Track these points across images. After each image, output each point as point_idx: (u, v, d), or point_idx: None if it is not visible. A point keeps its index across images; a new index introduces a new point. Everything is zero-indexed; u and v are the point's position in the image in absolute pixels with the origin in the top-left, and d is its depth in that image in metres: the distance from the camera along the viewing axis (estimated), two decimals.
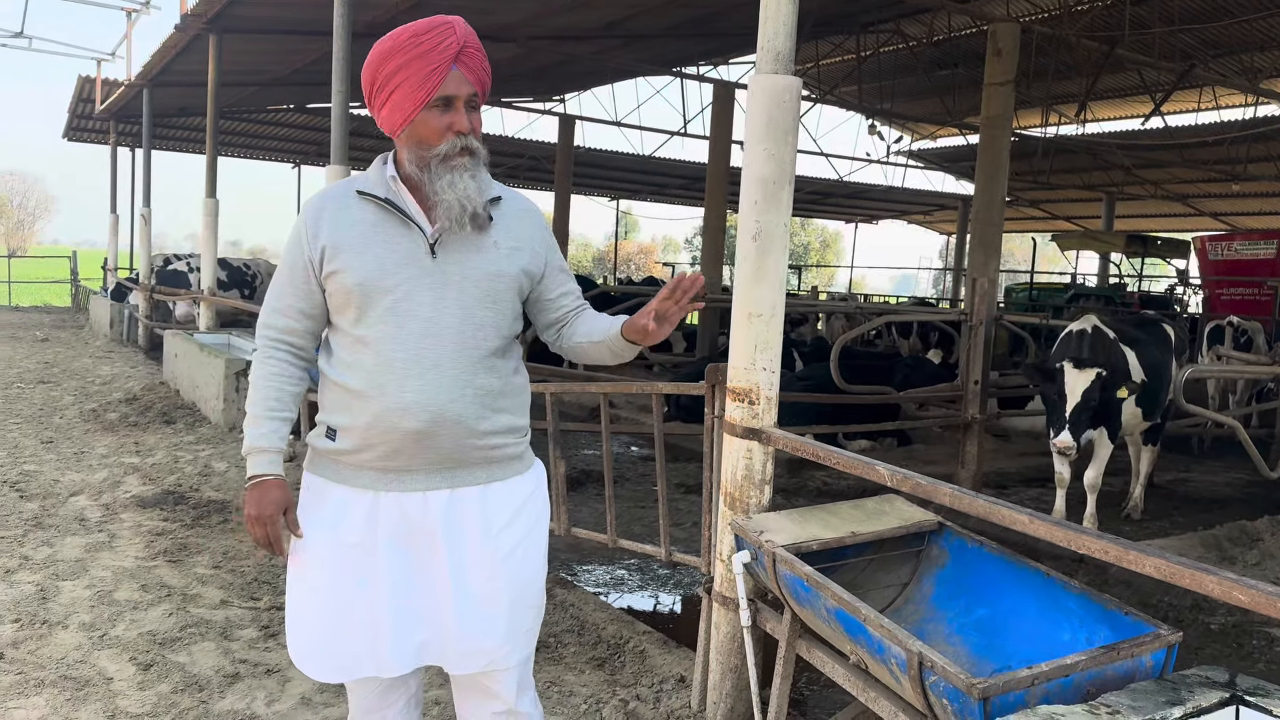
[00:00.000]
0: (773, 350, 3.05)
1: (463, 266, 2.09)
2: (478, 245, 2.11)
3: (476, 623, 2.11)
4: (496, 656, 2.15)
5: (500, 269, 2.13)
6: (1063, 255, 27.24)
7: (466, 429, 2.09)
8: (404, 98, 2.05)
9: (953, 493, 2.41)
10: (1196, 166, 19.03)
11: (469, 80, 2.05)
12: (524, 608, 2.19)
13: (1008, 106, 9.77)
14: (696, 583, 5.27)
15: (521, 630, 2.19)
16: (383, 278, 2.05)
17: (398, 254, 2.07)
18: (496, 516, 2.15)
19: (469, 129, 2.06)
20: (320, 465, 2.17)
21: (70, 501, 5.93)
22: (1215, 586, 1.85)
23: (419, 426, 2.05)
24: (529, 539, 2.21)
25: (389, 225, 2.09)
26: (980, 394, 7.38)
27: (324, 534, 2.13)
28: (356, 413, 2.07)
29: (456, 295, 2.08)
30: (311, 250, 2.10)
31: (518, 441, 2.22)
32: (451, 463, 2.10)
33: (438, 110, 2.05)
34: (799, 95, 2.98)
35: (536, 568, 2.23)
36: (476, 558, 2.12)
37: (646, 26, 12.79)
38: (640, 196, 30.57)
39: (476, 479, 2.14)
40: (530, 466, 2.26)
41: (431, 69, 2.02)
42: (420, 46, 2.03)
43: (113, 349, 14.37)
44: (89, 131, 20.63)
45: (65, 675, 3.56)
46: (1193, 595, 4.98)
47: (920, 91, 17.46)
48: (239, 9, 10.09)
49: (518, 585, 2.17)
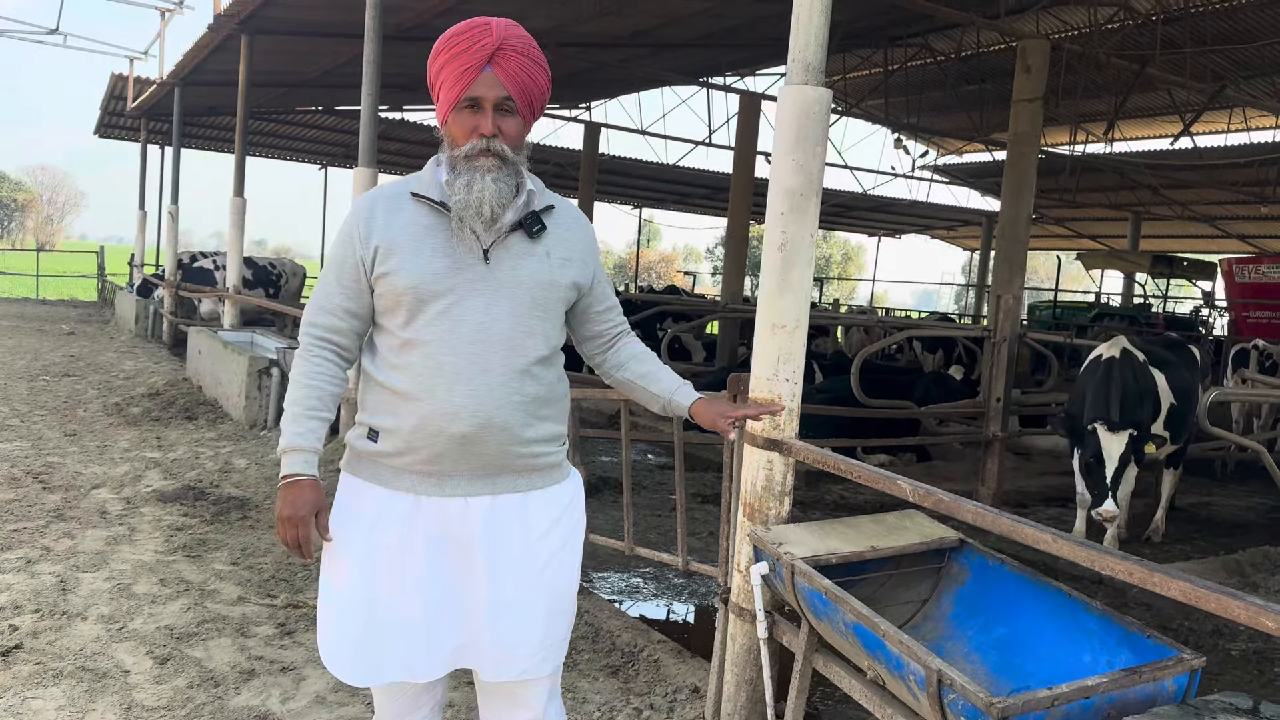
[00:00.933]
0: (796, 362, 3.04)
1: (516, 274, 2.08)
2: (530, 253, 2.11)
3: (512, 631, 2.10)
4: (530, 665, 2.13)
5: (553, 278, 2.12)
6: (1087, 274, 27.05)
7: (511, 435, 2.08)
8: (442, 97, 2.07)
9: (976, 510, 2.39)
10: (1225, 188, 18.86)
11: (502, 83, 2.03)
12: (559, 617, 2.18)
13: (1036, 124, 9.71)
14: (712, 593, 5.26)
15: (555, 639, 2.18)
16: (436, 281, 2.03)
17: (452, 258, 2.05)
18: (536, 524, 2.14)
19: (493, 131, 2.03)
20: (359, 466, 2.15)
21: (92, 494, 5.98)
22: (1242, 611, 1.83)
23: (466, 431, 2.03)
24: (566, 548, 2.20)
25: (443, 228, 2.07)
26: (1002, 411, 7.33)
27: (361, 535, 2.10)
28: (403, 415, 2.06)
29: (508, 302, 2.07)
30: (363, 250, 2.07)
31: (558, 450, 2.21)
32: (494, 469, 2.09)
33: (467, 111, 2.05)
34: (829, 107, 2.98)
35: (572, 577, 2.22)
36: (515, 565, 2.10)
37: (674, 35, 12.82)
38: (663, 205, 30.56)
39: (518, 486, 2.12)
40: (569, 475, 2.26)
41: (464, 69, 2.02)
42: (456, 47, 2.04)
43: (137, 344, 14.50)
44: (120, 129, 20.84)
45: (83, 667, 3.59)
46: (1213, 621, 4.93)
47: (947, 106, 17.39)
48: (271, 10, 10.18)
49: (554, 594, 2.16)
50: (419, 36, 11.37)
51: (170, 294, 15.05)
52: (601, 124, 19.84)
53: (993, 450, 7.38)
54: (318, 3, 10.06)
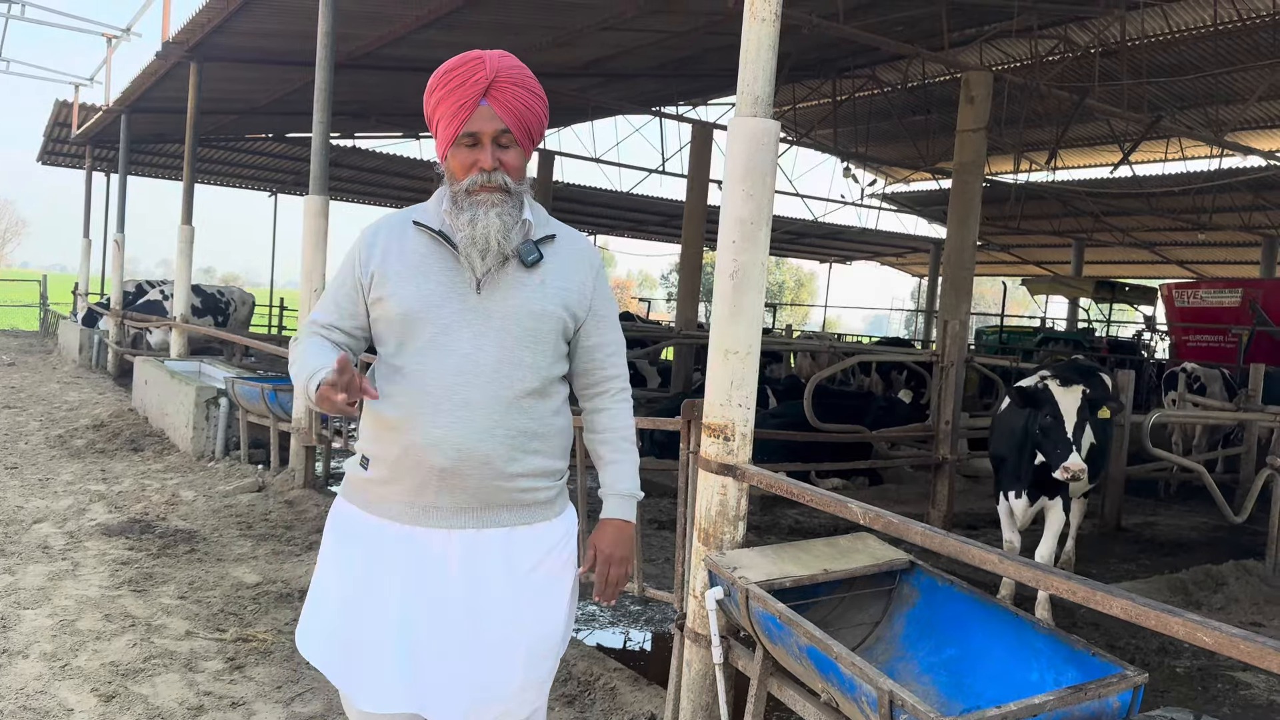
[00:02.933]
0: (749, 387, 3.08)
1: (506, 304, 2.05)
2: (524, 283, 2.07)
3: (490, 671, 2.04)
4: (509, 707, 2.08)
5: (545, 308, 2.08)
6: (1032, 299, 27.61)
7: (494, 470, 2.03)
8: (440, 134, 2.06)
9: (924, 531, 2.43)
10: (1164, 215, 19.44)
11: (500, 116, 2.01)
12: (540, 659, 2.11)
13: (980, 153, 9.97)
14: (667, 619, 5.26)
15: (535, 681, 2.12)
16: (426, 310, 2.02)
17: (443, 287, 2.04)
18: (521, 562, 2.09)
19: (493, 165, 2.02)
20: (352, 493, 2.14)
21: (34, 529, 5.83)
22: (1180, 628, 1.88)
23: (445, 464, 2.00)
24: (554, 586, 2.14)
25: (439, 257, 2.06)
26: (951, 434, 7.45)
27: (349, 558, 2.09)
28: (387, 444, 2.05)
29: (497, 333, 2.04)
30: (362, 274, 2.09)
31: (550, 485, 2.15)
32: (478, 503, 2.05)
33: (465, 147, 2.03)
34: (777, 138, 3.04)
35: (558, 618, 2.15)
36: (496, 603, 2.05)
37: (627, 66, 12.97)
38: (618, 232, 30.75)
39: (503, 521, 2.07)
40: (562, 512, 2.20)
41: (459, 105, 2.01)
42: (450, 83, 2.03)
43: (81, 375, 14.20)
44: (64, 156, 20.52)
45: (25, 706, 3.49)
46: (1159, 639, 5.03)
47: (894, 136, 17.75)
48: (221, 38, 10.13)
49: (537, 635, 2.09)
50: (370, 65, 11.38)
51: (115, 323, 14.78)
52: (556, 152, 19.94)
53: (942, 473, 7.48)
54: (268, 31, 10.03)
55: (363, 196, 24.48)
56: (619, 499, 2.27)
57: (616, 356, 2.27)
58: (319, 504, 6.56)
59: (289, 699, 3.68)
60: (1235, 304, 17.01)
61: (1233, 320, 16.68)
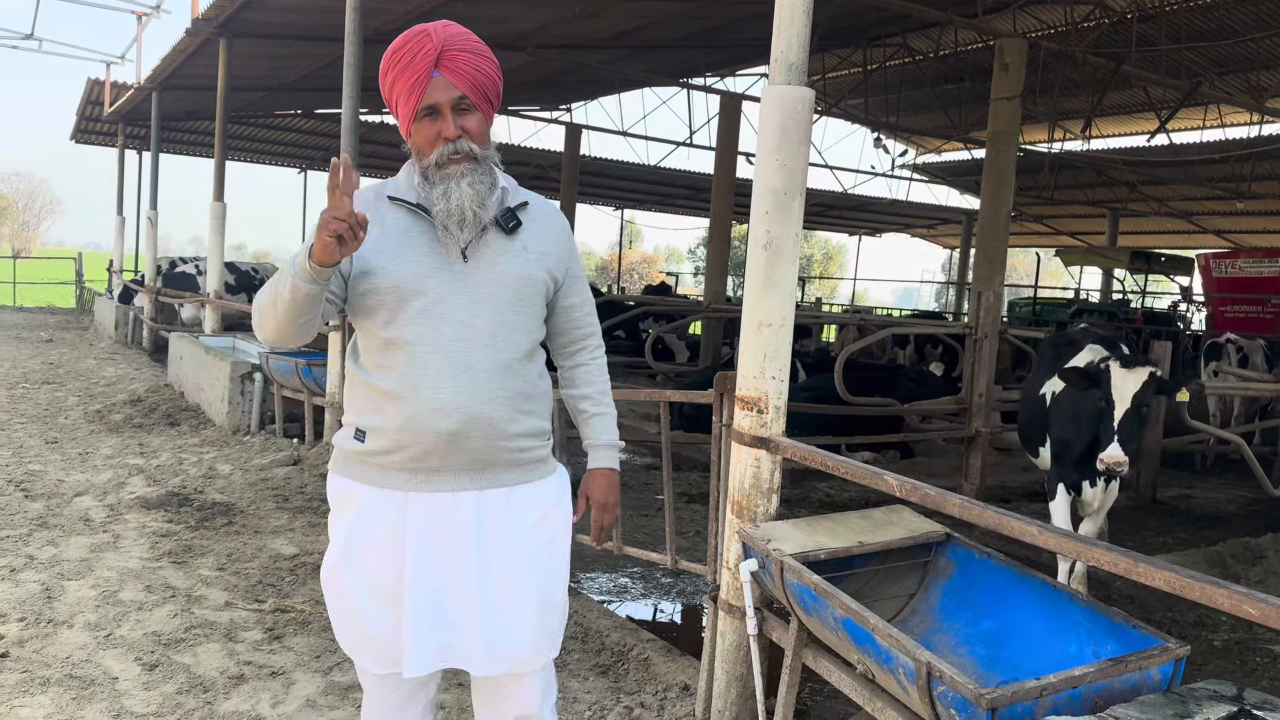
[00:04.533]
0: (782, 360, 3.06)
1: (494, 270, 2.10)
2: (507, 249, 2.13)
3: (502, 625, 2.11)
4: (522, 659, 2.15)
5: (530, 272, 2.15)
6: (1066, 271, 27.26)
7: (498, 430, 2.10)
8: (401, 113, 2.09)
9: (962, 503, 2.42)
10: (1201, 184, 19.06)
11: (454, 84, 2.04)
12: (550, 610, 2.19)
13: (1014, 121, 9.80)
14: (699, 591, 5.28)
15: (547, 633, 2.19)
16: (416, 282, 2.05)
17: (430, 257, 2.07)
18: (523, 519, 2.16)
19: (456, 133, 2.05)
20: (347, 466, 2.16)
21: (75, 502, 5.94)
22: (1226, 600, 1.86)
23: (453, 427, 2.05)
24: (554, 541, 2.22)
25: (420, 229, 2.09)
26: (985, 407, 7.39)
27: (351, 533, 2.13)
28: (389, 414, 2.07)
29: (488, 299, 2.09)
30: None
31: (543, 445, 2.23)
32: (480, 464, 2.11)
33: (427, 120, 2.06)
34: (811, 106, 3.00)
35: (561, 571, 2.24)
36: (503, 560, 2.12)
37: (655, 37, 12.85)
38: (645, 206, 30.61)
39: (504, 481, 2.14)
40: (555, 470, 2.28)
41: (413, 80, 2.03)
42: (401, 60, 2.05)
43: (117, 351, 14.40)
44: (97, 134, 20.70)
45: (71, 674, 3.57)
46: (1196, 611, 4.99)
47: (926, 105, 17.49)
48: (250, 14, 10.14)
49: (544, 588, 2.17)
50: None
51: (150, 300, 14.94)
52: (583, 125, 19.85)
53: (975, 446, 7.43)
54: (297, 6, 10.03)
55: (391, 172, 24.45)
56: (605, 449, 2.41)
57: (591, 315, 2.37)
58: None
59: (327, 668, 3.74)
60: (1275, 273, 16.70)
61: (1272, 290, 16.38)
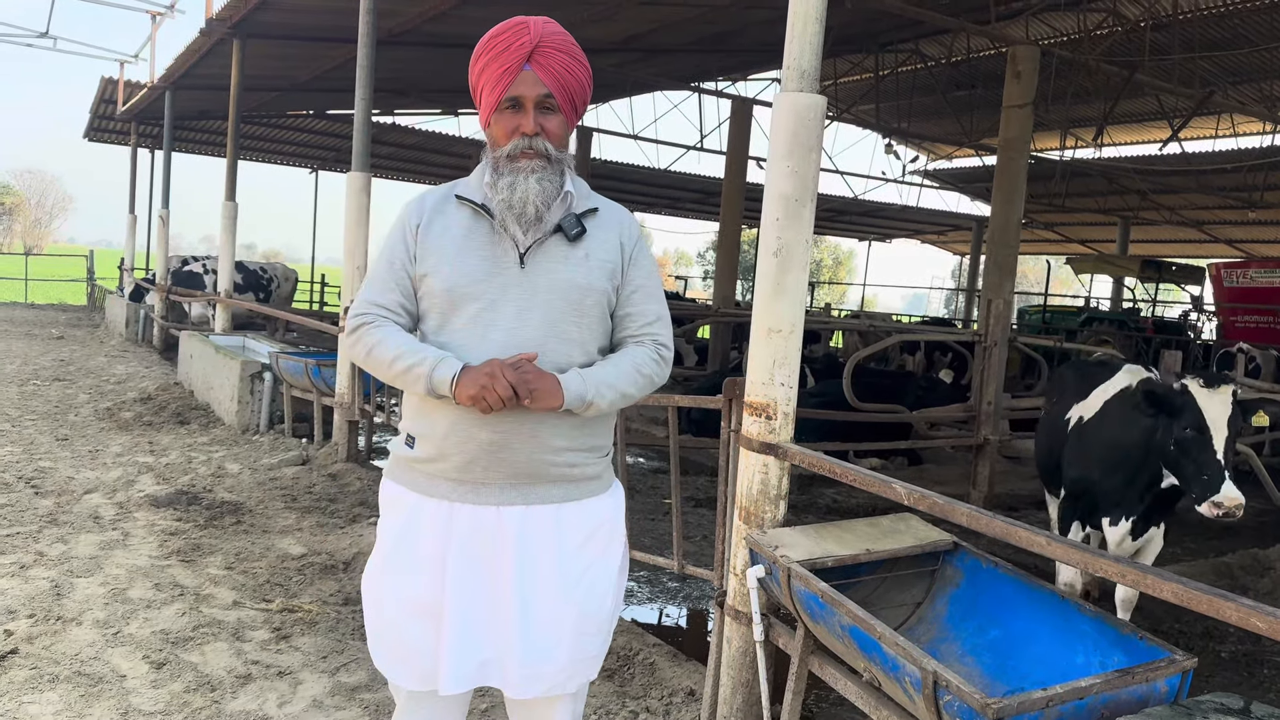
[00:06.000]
0: (791, 366, 3.06)
1: (551, 278, 2.04)
2: (568, 257, 2.06)
3: (540, 646, 2.04)
4: (556, 682, 2.08)
5: (590, 282, 2.06)
6: (1077, 279, 27.17)
7: (541, 443, 2.04)
8: (484, 100, 2.06)
9: (970, 512, 2.41)
10: (1213, 193, 19.00)
11: (543, 81, 2.02)
12: (589, 636, 2.11)
13: (1026, 129, 9.79)
14: (705, 596, 5.27)
15: (585, 657, 2.12)
16: (470, 285, 2.02)
17: (487, 262, 2.04)
18: (570, 538, 2.09)
19: (535, 130, 2.02)
20: (399, 473, 2.14)
21: (85, 499, 5.96)
22: (1234, 612, 1.86)
23: (494, 437, 2.01)
24: (601, 563, 2.14)
25: (481, 231, 2.06)
26: (993, 415, 7.37)
27: (399, 541, 2.09)
28: (435, 420, 2.04)
29: (542, 307, 2.03)
30: (411, 246, 2.08)
31: (597, 460, 2.16)
32: (526, 478, 2.05)
33: (509, 111, 2.03)
34: (823, 113, 3.00)
35: (607, 593, 2.15)
36: (546, 579, 2.05)
37: (666, 41, 12.87)
38: (655, 210, 30.63)
39: (551, 497, 2.07)
40: (609, 487, 2.20)
41: (503, 70, 2.01)
42: (495, 48, 2.03)
43: (127, 348, 14.45)
44: (110, 132, 20.79)
45: (79, 671, 3.59)
46: (1203, 623, 4.96)
47: (937, 112, 17.48)
48: (264, 14, 10.18)
49: (585, 612, 2.09)
50: (411, 41, 11.40)
51: (161, 298, 15.01)
52: (594, 129, 19.89)
53: (984, 454, 7.42)
54: (310, 7, 10.07)
55: (402, 173, 24.60)
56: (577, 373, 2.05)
57: (643, 322, 2.16)
58: (362, 477, 6.65)
59: (334, 669, 3.75)
60: None
61: None
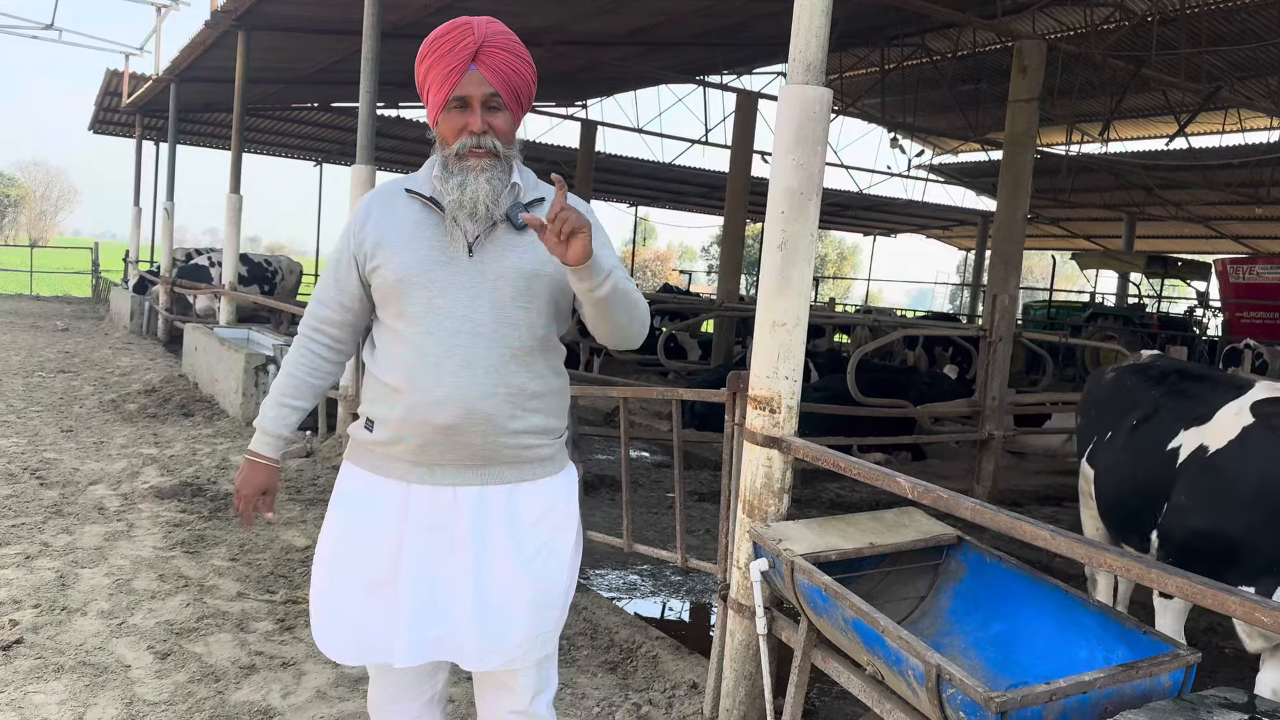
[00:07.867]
0: (795, 359, 3.06)
1: (500, 265, 2.11)
2: (515, 244, 2.12)
3: (495, 621, 2.11)
4: (514, 656, 2.15)
5: (538, 268, 2.12)
6: (1082, 274, 27.14)
7: (496, 426, 2.10)
8: (431, 100, 2.11)
9: (974, 506, 2.41)
10: (1219, 188, 18.94)
11: (489, 80, 2.06)
12: (545, 609, 2.18)
13: (1032, 124, 9.74)
14: (708, 590, 5.28)
15: (540, 632, 2.18)
16: (420, 274, 2.09)
17: (436, 251, 2.10)
18: (524, 515, 2.16)
19: (483, 128, 2.07)
20: (358, 455, 2.22)
21: (89, 490, 5.98)
22: (1238, 607, 1.86)
23: (449, 421, 2.07)
24: (555, 541, 2.21)
25: (431, 223, 2.12)
26: (998, 410, 7.37)
27: (354, 521, 2.17)
28: (392, 405, 2.11)
29: (490, 293, 2.10)
30: (356, 246, 2.17)
31: (550, 443, 2.22)
32: (481, 460, 2.12)
33: (456, 111, 2.08)
34: (829, 107, 2.99)
35: (561, 571, 2.21)
36: (501, 555, 2.12)
37: (671, 34, 12.84)
38: (659, 204, 30.61)
39: (506, 478, 2.15)
40: (562, 469, 2.27)
41: (449, 70, 2.06)
42: (440, 49, 2.08)
43: (132, 341, 14.48)
44: (115, 125, 20.80)
45: (84, 661, 3.60)
46: (1207, 618, 4.96)
47: (943, 106, 17.44)
48: (269, 6, 10.17)
49: (540, 587, 2.16)
50: (416, 34, 11.36)
51: (166, 291, 15.03)
52: (598, 122, 19.86)
53: (988, 449, 7.41)
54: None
55: (406, 166, 24.57)
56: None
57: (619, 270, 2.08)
58: None
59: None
60: None
61: None
